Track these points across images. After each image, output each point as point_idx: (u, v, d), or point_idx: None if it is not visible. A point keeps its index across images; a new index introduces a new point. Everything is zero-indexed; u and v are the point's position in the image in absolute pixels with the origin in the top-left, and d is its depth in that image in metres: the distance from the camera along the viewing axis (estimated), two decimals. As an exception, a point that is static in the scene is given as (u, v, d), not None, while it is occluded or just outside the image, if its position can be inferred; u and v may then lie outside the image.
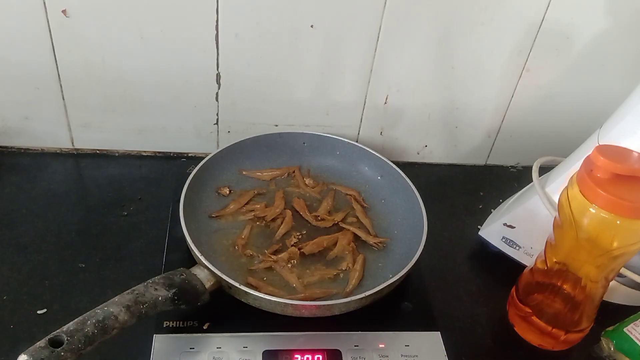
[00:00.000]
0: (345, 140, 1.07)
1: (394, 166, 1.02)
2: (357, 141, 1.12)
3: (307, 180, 1.04)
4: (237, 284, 0.78)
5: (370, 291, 0.80)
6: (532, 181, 0.94)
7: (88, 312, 0.68)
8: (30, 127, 1.05)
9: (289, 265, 0.89)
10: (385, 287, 0.81)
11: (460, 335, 0.85)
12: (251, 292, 0.78)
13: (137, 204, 1.00)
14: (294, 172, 1.05)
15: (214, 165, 1.00)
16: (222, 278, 0.79)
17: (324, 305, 0.80)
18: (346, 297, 0.82)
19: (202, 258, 0.80)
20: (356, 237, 0.95)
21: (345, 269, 0.90)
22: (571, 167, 0.88)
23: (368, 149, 1.06)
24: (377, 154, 1.05)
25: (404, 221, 0.98)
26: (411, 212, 0.96)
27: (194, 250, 0.82)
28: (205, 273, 0.80)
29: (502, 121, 1.14)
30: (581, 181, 0.72)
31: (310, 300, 0.83)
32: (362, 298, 0.80)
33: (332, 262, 0.92)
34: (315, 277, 0.89)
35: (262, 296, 0.78)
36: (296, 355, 0.79)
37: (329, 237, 0.94)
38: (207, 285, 0.79)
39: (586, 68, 1.08)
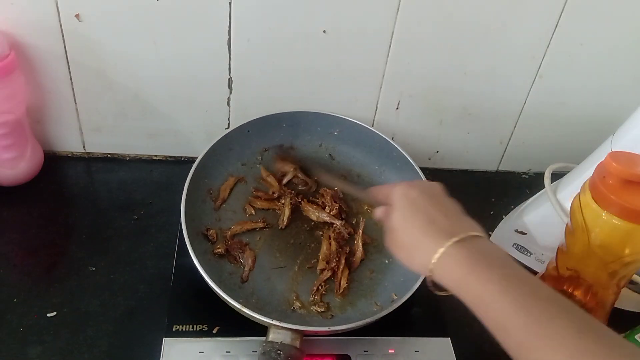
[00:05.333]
0: (366, 126, 1.07)
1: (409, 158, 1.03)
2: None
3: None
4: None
5: (370, 318, 0.79)
6: (544, 187, 0.93)
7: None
8: (42, 131, 1.05)
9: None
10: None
11: (471, 342, 0.85)
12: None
13: (148, 208, 1.00)
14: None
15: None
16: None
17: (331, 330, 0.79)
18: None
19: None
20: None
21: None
22: (583, 173, 0.88)
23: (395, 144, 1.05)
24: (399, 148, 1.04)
25: None
26: None
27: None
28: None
29: (515, 127, 1.13)
30: (593, 188, 0.71)
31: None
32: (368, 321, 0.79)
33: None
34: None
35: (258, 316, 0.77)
36: (305, 360, 0.79)
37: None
38: None
39: (599, 75, 1.07)
